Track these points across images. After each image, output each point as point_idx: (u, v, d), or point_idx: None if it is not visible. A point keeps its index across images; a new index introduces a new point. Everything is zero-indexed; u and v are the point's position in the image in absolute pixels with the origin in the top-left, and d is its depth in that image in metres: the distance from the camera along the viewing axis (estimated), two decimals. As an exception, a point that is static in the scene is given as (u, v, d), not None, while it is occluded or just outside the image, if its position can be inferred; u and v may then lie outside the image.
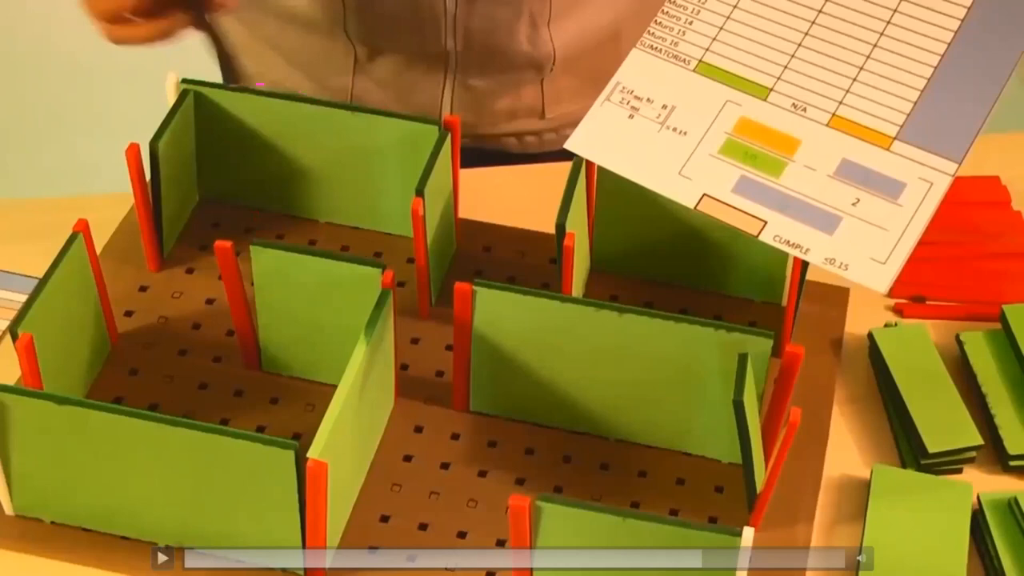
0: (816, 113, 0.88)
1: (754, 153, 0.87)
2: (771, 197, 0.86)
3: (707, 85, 0.90)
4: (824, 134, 0.87)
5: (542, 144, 1.21)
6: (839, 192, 0.85)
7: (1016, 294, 1.03)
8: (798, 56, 0.89)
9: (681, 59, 0.90)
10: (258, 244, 0.92)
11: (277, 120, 1.04)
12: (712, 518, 0.90)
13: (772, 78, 0.89)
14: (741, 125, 0.88)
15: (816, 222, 0.85)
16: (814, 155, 0.86)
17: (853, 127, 0.87)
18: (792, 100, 0.88)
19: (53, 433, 0.84)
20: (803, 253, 0.84)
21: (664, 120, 0.88)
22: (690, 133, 0.88)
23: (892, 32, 0.88)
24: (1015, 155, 1.15)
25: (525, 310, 0.90)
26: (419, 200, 0.95)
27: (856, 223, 0.84)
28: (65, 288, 0.91)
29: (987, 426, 0.95)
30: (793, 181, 0.86)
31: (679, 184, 0.87)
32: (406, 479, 0.92)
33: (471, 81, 1.14)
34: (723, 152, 0.87)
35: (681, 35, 0.90)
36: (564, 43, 1.14)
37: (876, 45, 0.88)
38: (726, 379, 0.88)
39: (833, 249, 0.84)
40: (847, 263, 0.84)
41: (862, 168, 0.86)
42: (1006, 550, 0.88)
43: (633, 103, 0.89)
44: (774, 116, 0.88)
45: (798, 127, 0.87)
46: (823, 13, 0.89)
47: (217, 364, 0.98)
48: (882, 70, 0.88)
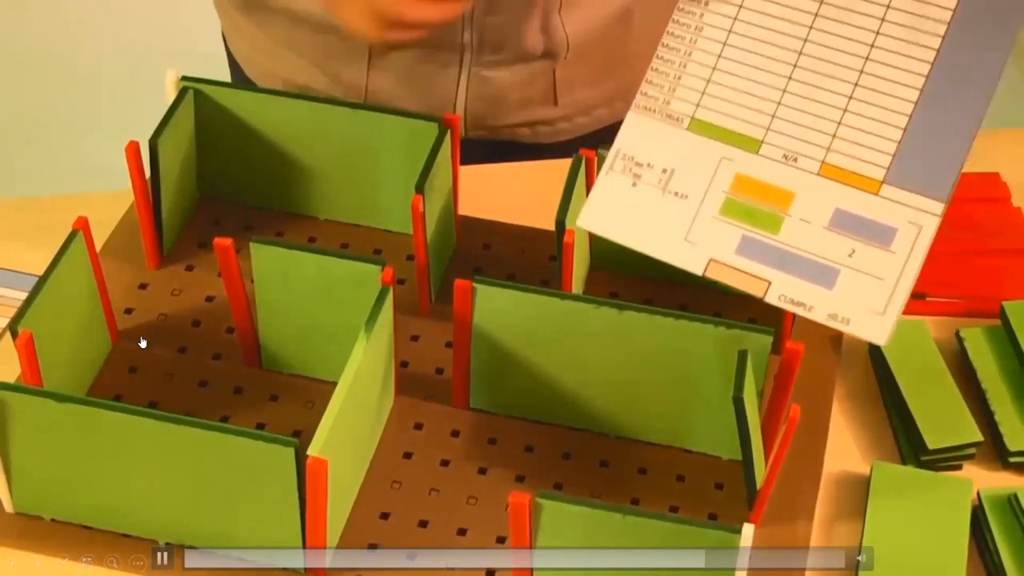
0: (806, 163, 0.89)
1: (752, 211, 0.89)
2: (772, 255, 0.88)
3: (701, 143, 0.91)
4: (816, 184, 0.89)
5: (555, 134, 1.21)
6: (835, 244, 0.88)
7: (1016, 290, 1.03)
8: (784, 104, 0.91)
9: (675, 118, 0.92)
10: (258, 241, 0.92)
11: (277, 118, 1.04)
12: (712, 515, 0.90)
13: (762, 129, 0.91)
14: (738, 183, 0.90)
15: (816, 277, 0.87)
16: (808, 207, 0.89)
17: (842, 174, 0.89)
18: (783, 151, 0.90)
19: (53, 431, 0.84)
20: (807, 311, 0.87)
21: (665, 185, 0.90)
22: (691, 196, 0.90)
23: (871, 70, 0.90)
24: (1015, 151, 1.15)
25: (525, 307, 0.90)
26: (419, 197, 0.95)
27: (853, 275, 0.87)
28: (65, 286, 0.91)
29: (987, 422, 0.95)
30: (791, 236, 0.88)
31: (686, 250, 0.89)
32: (406, 476, 0.92)
33: (485, 73, 1.14)
34: (724, 212, 0.89)
35: (672, 92, 0.92)
36: (576, 30, 1.14)
37: (857, 85, 0.90)
38: (726, 376, 0.88)
39: (834, 304, 0.86)
40: (848, 318, 0.86)
41: (854, 217, 0.88)
42: (1006, 546, 0.88)
43: (635, 170, 0.91)
44: (767, 170, 0.90)
45: (791, 179, 0.89)
46: (803, 56, 0.91)
47: (217, 362, 0.98)
48: (865, 111, 0.90)
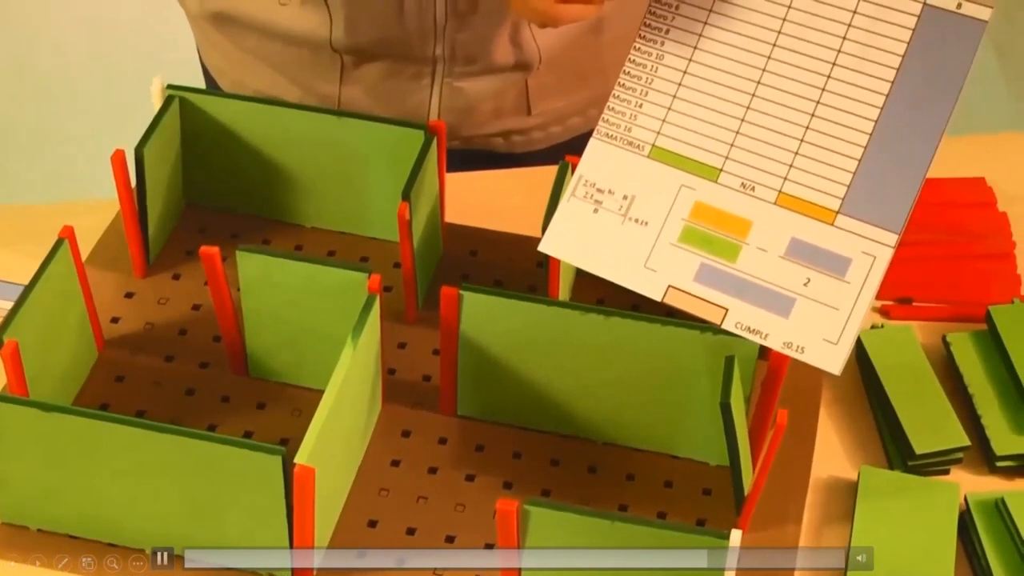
0: (764, 192, 0.90)
1: (711, 238, 0.90)
2: (729, 283, 0.89)
3: (662, 171, 0.92)
4: (773, 213, 0.90)
5: (529, 143, 1.21)
6: (791, 273, 0.88)
7: (1002, 295, 1.04)
8: (742, 133, 0.91)
9: (635, 145, 0.93)
10: (244, 249, 0.92)
11: (263, 126, 1.03)
12: (700, 521, 0.90)
13: (721, 158, 0.91)
14: (696, 210, 0.91)
15: (772, 306, 0.88)
16: (765, 236, 0.89)
17: (799, 204, 0.90)
18: (741, 180, 0.91)
19: (39, 440, 0.84)
20: (763, 339, 0.87)
21: (626, 212, 0.91)
22: (651, 223, 0.91)
23: (827, 101, 0.90)
24: (1000, 156, 1.15)
25: (512, 314, 0.90)
26: (405, 205, 0.95)
27: (808, 304, 0.87)
28: (51, 295, 0.91)
29: (974, 427, 0.96)
30: (748, 265, 0.89)
31: (645, 277, 0.90)
32: (394, 484, 0.92)
33: (458, 84, 1.14)
34: (682, 240, 0.90)
35: (633, 119, 0.93)
36: (547, 41, 1.14)
37: (813, 116, 0.90)
38: (713, 382, 0.89)
39: (789, 333, 0.87)
40: (803, 346, 0.87)
41: (810, 246, 0.89)
42: (993, 550, 0.88)
43: (596, 196, 0.92)
44: (725, 198, 0.91)
45: (748, 208, 0.90)
46: (761, 85, 0.92)
47: (204, 370, 0.98)
48: (821, 141, 0.90)
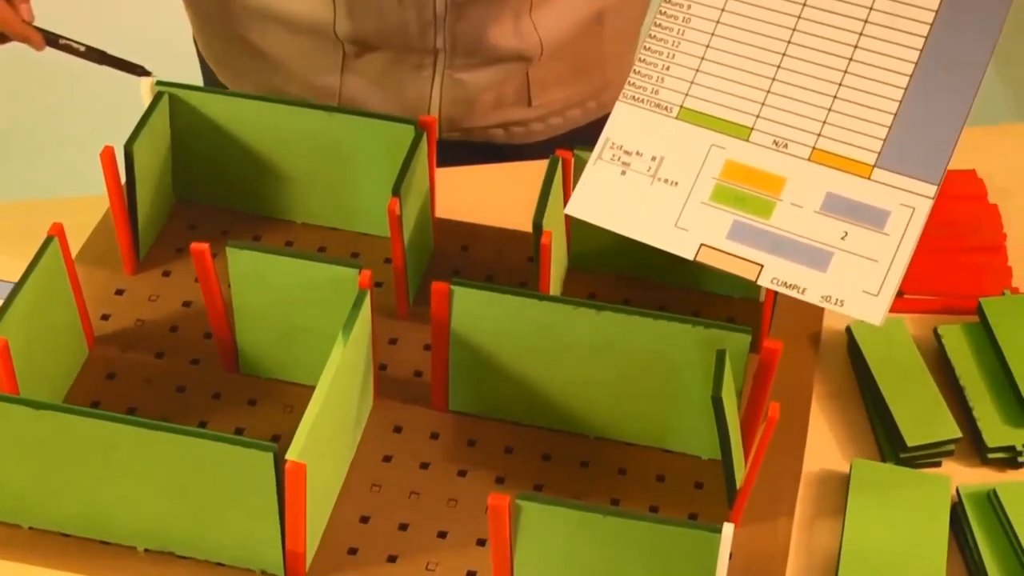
0: (797, 148, 0.89)
1: (743, 196, 0.89)
2: (764, 239, 0.88)
3: (691, 131, 0.91)
4: (807, 169, 0.89)
5: (529, 135, 1.21)
6: (827, 227, 0.87)
7: (993, 287, 1.04)
8: (773, 91, 0.90)
9: (663, 107, 0.92)
10: (234, 246, 0.92)
11: (253, 122, 1.03)
12: (692, 514, 0.90)
13: (752, 117, 0.90)
14: (728, 169, 0.90)
15: (809, 260, 0.87)
16: (800, 192, 0.88)
17: (833, 159, 0.89)
18: (773, 137, 0.90)
19: (30, 439, 0.83)
20: (800, 293, 0.86)
21: (655, 172, 0.90)
22: (681, 183, 0.90)
23: (860, 57, 0.90)
24: (991, 149, 1.16)
25: (503, 309, 0.90)
26: (396, 200, 0.95)
27: (847, 257, 0.86)
28: (40, 292, 0.90)
29: (965, 419, 0.96)
30: (783, 221, 0.88)
31: (676, 236, 0.89)
32: (386, 479, 0.92)
33: (459, 75, 1.14)
34: (714, 198, 0.89)
35: (660, 82, 0.92)
36: (549, 31, 1.14)
37: (846, 72, 0.90)
38: (705, 375, 0.88)
39: (828, 286, 0.86)
40: (842, 299, 0.86)
41: (846, 200, 0.88)
42: (985, 542, 0.88)
43: (624, 158, 0.91)
44: (758, 156, 0.90)
45: (781, 165, 0.89)
46: (792, 44, 0.91)
47: (195, 367, 0.98)
48: (855, 97, 0.89)
